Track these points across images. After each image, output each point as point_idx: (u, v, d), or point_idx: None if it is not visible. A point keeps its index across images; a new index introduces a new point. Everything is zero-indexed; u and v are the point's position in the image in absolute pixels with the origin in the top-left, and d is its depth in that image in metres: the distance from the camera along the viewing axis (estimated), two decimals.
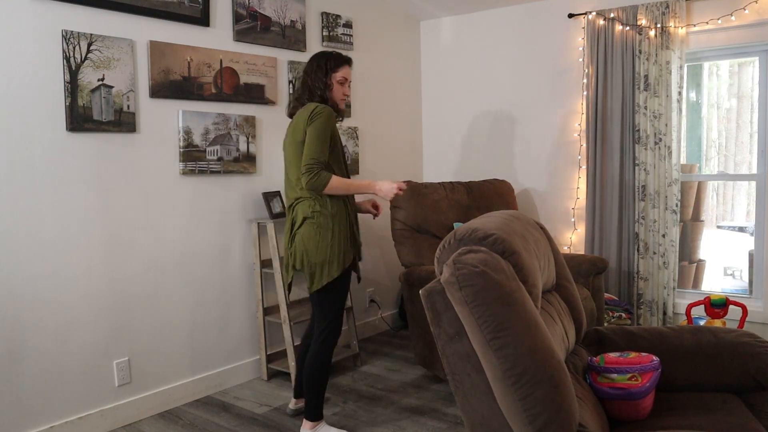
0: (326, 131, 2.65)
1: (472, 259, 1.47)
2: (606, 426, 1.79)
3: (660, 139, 3.75)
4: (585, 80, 4.07)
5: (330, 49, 2.96)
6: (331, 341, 2.75)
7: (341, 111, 2.86)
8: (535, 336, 1.41)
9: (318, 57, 2.82)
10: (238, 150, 3.51)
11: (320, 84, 2.76)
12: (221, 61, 3.41)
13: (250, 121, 3.56)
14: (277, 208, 3.60)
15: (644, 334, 2.17)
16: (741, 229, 5.73)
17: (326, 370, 2.76)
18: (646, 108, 3.77)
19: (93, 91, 2.88)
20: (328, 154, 2.67)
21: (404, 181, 2.61)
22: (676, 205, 3.80)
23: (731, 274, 5.36)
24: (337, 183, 2.64)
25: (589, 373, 1.93)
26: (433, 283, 1.54)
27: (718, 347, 2.05)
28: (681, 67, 3.72)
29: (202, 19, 3.32)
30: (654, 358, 1.90)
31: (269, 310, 3.66)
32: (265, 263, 3.61)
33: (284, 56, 3.80)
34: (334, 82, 2.79)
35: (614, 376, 1.84)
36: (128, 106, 3.02)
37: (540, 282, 1.75)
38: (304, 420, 2.79)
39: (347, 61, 2.85)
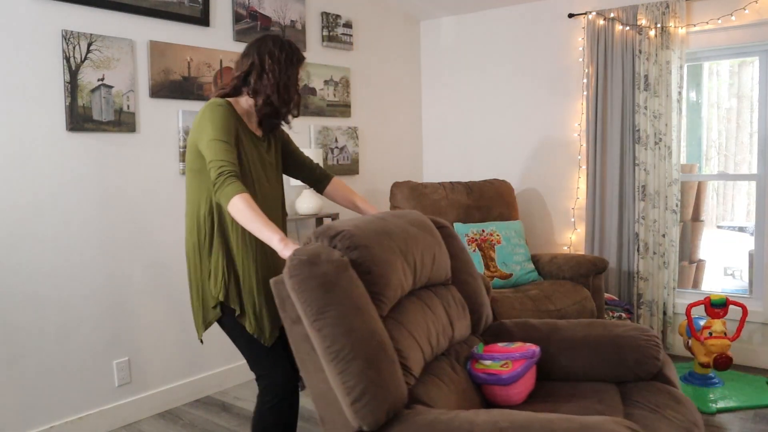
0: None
1: (304, 251, 1.67)
2: (477, 407, 1.95)
3: (660, 139, 3.75)
4: (585, 80, 4.07)
5: (278, 34, 2.11)
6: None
7: (285, 120, 2.16)
8: (354, 318, 1.59)
9: (282, 45, 2.08)
10: None
11: (289, 81, 2.06)
12: (221, 61, 3.40)
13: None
14: None
15: (542, 327, 2.28)
16: (741, 229, 5.73)
17: None
18: (646, 108, 3.77)
19: (93, 91, 2.88)
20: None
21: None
22: (676, 205, 3.80)
23: (731, 274, 5.37)
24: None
25: (470, 360, 2.07)
26: (282, 274, 1.71)
27: (605, 339, 2.15)
28: (681, 67, 3.72)
29: (202, 19, 3.32)
30: (533, 348, 2.04)
31: None
32: None
33: None
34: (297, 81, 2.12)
35: (488, 362, 2.00)
36: (128, 106, 3.02)
37: (402, 274, 1.87)
38: None
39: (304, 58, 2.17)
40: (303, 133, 3.95)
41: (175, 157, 3.24)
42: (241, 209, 1.81)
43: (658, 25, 3.70)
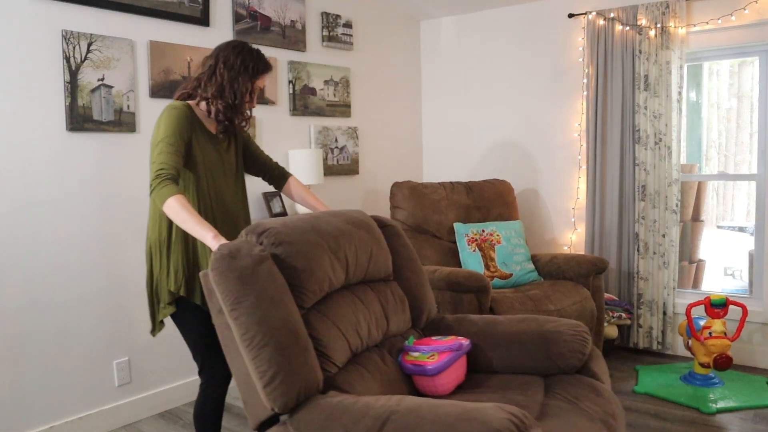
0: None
1: (227, 246, 1.77)
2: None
3: (660, 139, 3.75)
4: (585, 80, 4.07)
5: (246, 42, 2.19)
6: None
7: (236, 127, 2.25)
8: (268, 308, 1.69)
9: (242, 51, 2.13)
10: None
11: (239, 87, 2.12)
12: None
13: (250, 122, 3.55)
14: (276, 208, 3.60)
15: (479, 322, 2.33)
16: (741, 229, 5.73)
17: None
18: (646, 108, 3.77)
19: (93, 91, 2.88)
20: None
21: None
22: (676, 205, 3.80)
23: (731, 274, 5.37)
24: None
25: (401, 352, 2.14)
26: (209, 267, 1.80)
27: (535, 334, 2.21)
28: (681, 67, 3.72)
29: (202, 19, 3.32)
30: (461, 341, 2.10)
31: None
32: None
33: (284, 56, 3.80)
34: (253, 89, 2.20)
35: (416, 354, 2.07)
36: (128, 106, 3.02)
37: (330, 269, 1.96)
38: None
39: (270, 69, 2.21)
40: (303, 133, 3.95)
41: None
42: (177, 210, 1.90)
43: (658, 25, 3.70)
